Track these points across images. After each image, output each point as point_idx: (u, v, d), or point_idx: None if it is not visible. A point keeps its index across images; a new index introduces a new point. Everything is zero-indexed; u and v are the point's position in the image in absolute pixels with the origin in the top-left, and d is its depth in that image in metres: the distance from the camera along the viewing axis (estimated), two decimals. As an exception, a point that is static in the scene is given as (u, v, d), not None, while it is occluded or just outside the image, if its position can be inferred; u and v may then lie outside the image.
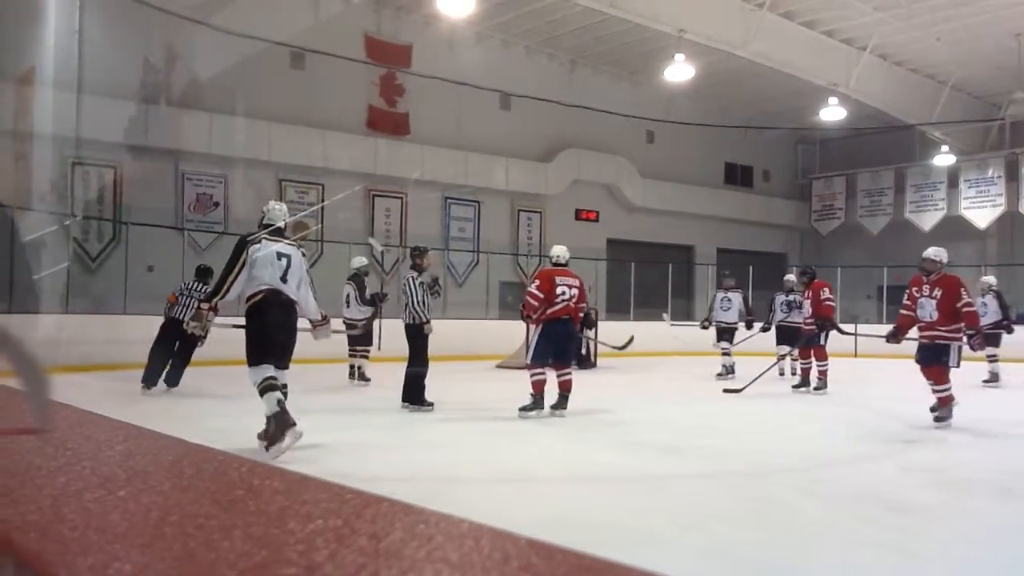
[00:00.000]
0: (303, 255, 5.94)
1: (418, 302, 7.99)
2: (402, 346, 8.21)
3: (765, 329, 12.53)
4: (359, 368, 10.87)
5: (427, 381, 8.07)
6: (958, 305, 7.46)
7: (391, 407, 8.08)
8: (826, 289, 10.65)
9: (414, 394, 7.99)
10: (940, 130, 20.99)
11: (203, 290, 9.19)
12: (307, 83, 16.59)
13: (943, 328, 7.51)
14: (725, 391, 9.98)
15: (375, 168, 17.56)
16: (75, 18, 14.13)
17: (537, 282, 8.07)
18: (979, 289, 12.34)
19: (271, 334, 5.64)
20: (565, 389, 7.95)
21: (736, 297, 12.48)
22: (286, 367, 5.76)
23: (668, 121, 21.42)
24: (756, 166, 25.50)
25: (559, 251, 8.41)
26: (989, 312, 12.01)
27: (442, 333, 9.04)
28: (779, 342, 12.26)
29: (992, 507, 4.53)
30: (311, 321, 6.11)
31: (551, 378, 7.90)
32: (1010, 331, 12.18)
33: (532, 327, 8.29)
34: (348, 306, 10.88)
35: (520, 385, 8.15)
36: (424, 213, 18.46)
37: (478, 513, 0.91)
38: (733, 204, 23.99)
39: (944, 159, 21.42)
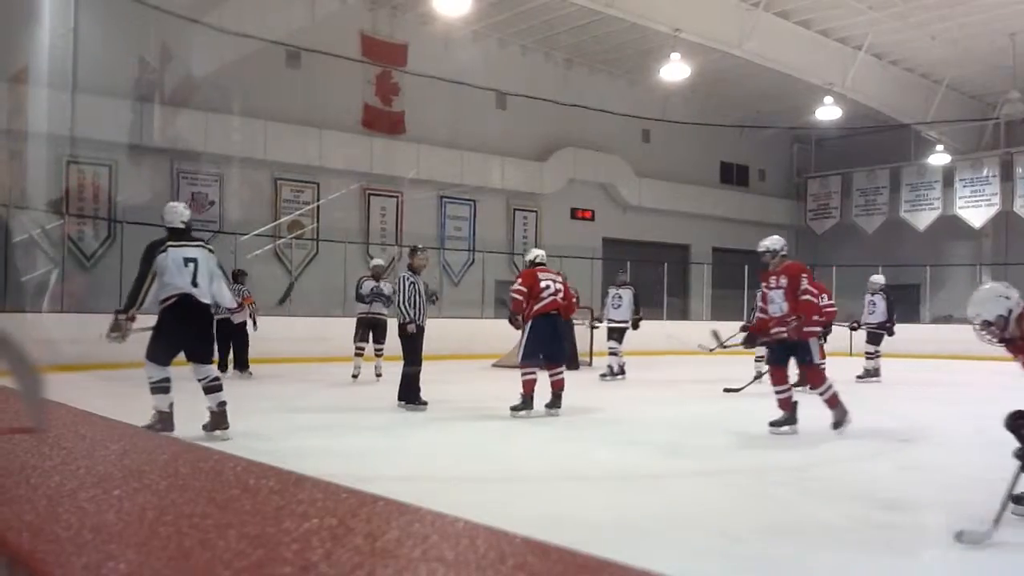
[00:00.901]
0: (210, 251, 6.17)
1: (404, 301, 7.99)
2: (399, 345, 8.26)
3: (745, 329, 12.11)
4: (375, 365, 11.07)
5: (423, 380, 8.08)
6: (797, 293, 6.89)
7: (387, 406, 8.08)
8: (826, 296, 10.65)
9: (409, 393, 8.00)
10: (935, 129, 21.04)
11: (243, 292, 11.14)
12: (303, 82, 16.57)
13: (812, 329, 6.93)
14: (725, 390, 10.00)
15: (371, 167, 17.55)
16: (70, 17, 14.09)
17: (520, 280, 8.13)
18: (868, 288, 12.30)
19: (181, 338, 5.91)
20: (558, 388, 7.95)
21: (627, 294, 11.91)
22: (208, 362, 6.08)
23: (664, 120, 21.43)
24: (752, 165, 25.52)
25: (537, 253, 8.56)
26: (877, 312, 12.14)
27: (438, 332, 9.04)
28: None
29: (985, 504, 4.54)
30: (228, 308, 6.53)
31: (543, 378, 7.92)
32: (891, 333, 12.21)
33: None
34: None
35: (516, 384, 8.15)
36: (420, 212, 18.45)
37: (474, 512, 0.91)
38: (728, 203, 24.02)
39: (939, 158, 21.47)
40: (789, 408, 6.94)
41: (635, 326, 11.92)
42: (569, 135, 20.42)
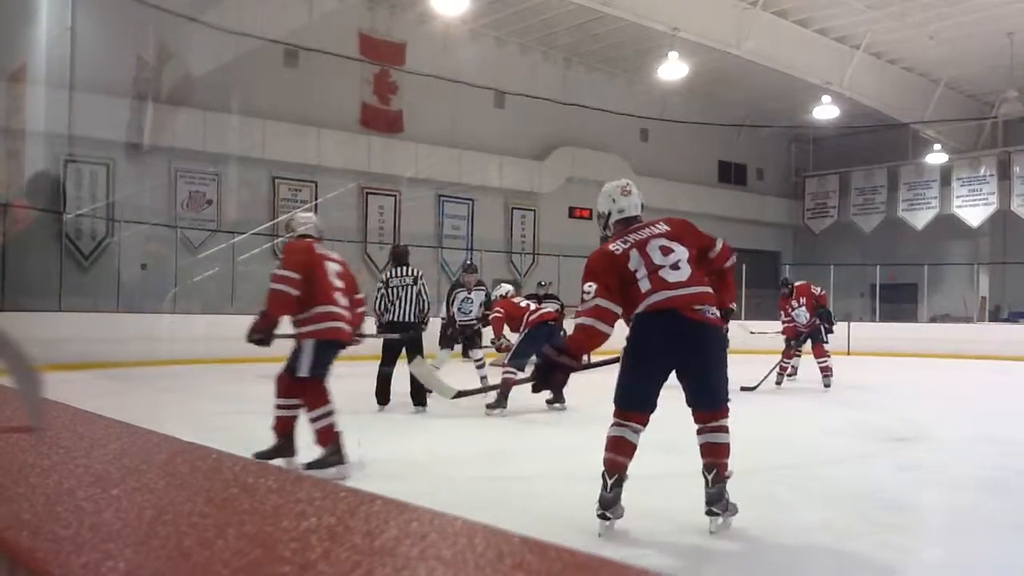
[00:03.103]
0: None
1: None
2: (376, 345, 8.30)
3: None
4: None
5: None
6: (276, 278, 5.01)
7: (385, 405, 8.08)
8: (815, 288, 10.82)
9: (418, 393, 7.98)
10: (933, 128, 21.06)
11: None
12: (301, 81, 16.55)
13: (296, 318, 5.07)
14: (742, 389, 10.09)
15: (369, 166, 17.54)
16: (67, 15, 14.08)
17: (496, 307, 8.69)
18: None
19: None
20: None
21: (479, 296, 10.16)
22: None
23: (662, 119, 21.43)
24: (750, 164, 25.53)
25: (507, 288, 9.14)
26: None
27: (436, 330, 9.06)
28: None
29: (984, 503, 4.55)
30: None
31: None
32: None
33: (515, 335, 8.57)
34: None
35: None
36: (418, 211, 18.45)
37: (472, 511, 0.91)
38: (727, 202, 24.00)
39: (937, 157, 21.48)
40: (329, 441, 4.89)
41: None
42: (567, 134, 20.41)
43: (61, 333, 10.88)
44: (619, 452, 3.81)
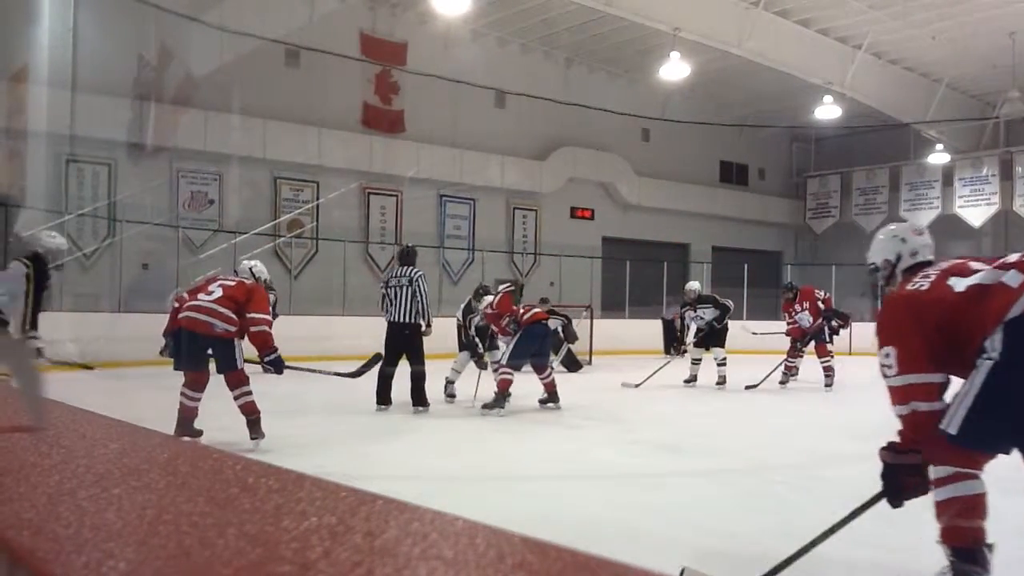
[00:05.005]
0: None
1: (429, 303, 8.11)
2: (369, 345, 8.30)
3: (683, 352, 11.32)
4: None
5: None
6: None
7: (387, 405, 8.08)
8: (819, 291, 10.89)
9: (419, 394, 7.97)
10: (935, 128, 21.04)
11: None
12: (302, 80, 16.56)
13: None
14: (746, 387, 10.16)
15: (370, 166, 17.54)
16: (69, 15, 14.09)
17: (494, 305, 8.71)
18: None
19: None
20: (551, 388, 8.28)
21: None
22: None
23: (663, 119, 21.42)
24: (751, 164, 25.51)
25: (490, 299, 9.08)
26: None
27: (438, 331, 9.08)
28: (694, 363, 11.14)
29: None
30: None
31: (534, 381, 8.15)
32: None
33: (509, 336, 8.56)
34: None
35: (517, 383, 8.17)
36: (419, 211, 18.45)
37: (473, 511, 0.91)
38: (728, 202, 24.01)
39: (939, 157, 21.46)
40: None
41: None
42: (569, 134, 20.41)
43: (62, 333, 10.88)
44: (981, 514, 3.04)
